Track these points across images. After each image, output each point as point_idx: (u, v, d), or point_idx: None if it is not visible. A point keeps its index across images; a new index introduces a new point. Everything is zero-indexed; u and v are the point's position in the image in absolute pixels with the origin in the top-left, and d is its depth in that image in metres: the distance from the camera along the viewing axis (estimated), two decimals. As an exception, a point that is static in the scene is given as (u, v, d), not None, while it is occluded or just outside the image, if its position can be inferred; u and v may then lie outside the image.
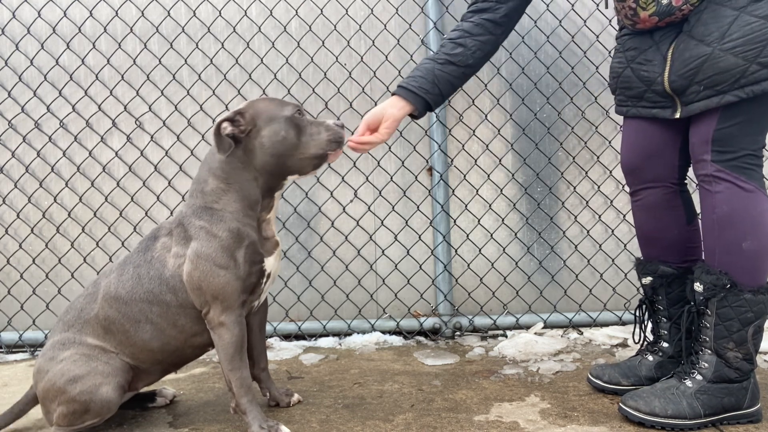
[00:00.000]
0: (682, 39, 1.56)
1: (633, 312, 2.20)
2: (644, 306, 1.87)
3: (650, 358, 1.84)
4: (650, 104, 1.67)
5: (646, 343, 1.90)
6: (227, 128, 1.53)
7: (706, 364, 1.60)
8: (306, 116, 1.61)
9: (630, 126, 1.80)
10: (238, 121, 1.55)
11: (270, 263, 1.64)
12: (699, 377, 1.60)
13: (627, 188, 2.65)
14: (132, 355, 1.62)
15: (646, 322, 1.88)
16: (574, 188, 2.64)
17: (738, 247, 1.55)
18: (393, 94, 1.72)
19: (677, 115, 1.61)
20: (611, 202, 2.64)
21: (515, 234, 2.66)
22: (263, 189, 1.60)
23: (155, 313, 1.59)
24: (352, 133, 1.64)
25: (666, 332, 1.81)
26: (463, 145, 2.65)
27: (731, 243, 1.55)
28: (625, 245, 2.64)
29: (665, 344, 1.82)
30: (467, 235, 2.67)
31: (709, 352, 1.60)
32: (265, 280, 1.65)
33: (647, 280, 1.81)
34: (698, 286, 1.61)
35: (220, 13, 2.57)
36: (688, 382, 1.60)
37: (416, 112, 1.71)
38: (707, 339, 1.59)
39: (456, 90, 1.76)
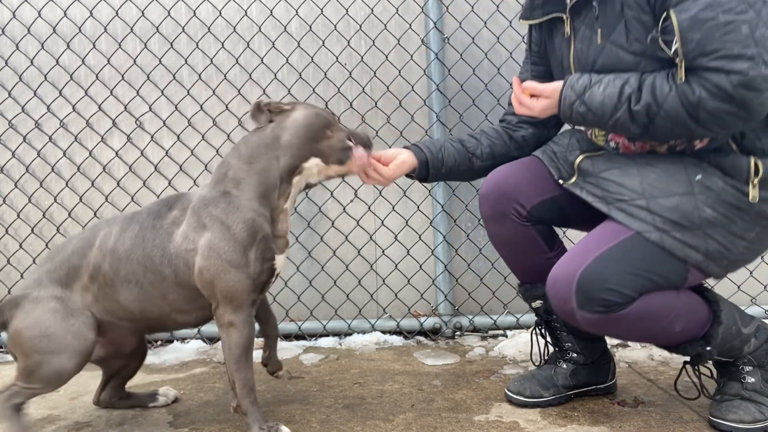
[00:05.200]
0: None
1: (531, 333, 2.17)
2: (541, 327, 1.92)
3: (564, 366, 1.84)
4: None
5: (548, 355, 1.93)
6: (265, 100, 1.62)
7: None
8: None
9: None
10: (279, 103, 1.63)
11: (279, 262, 1.64)
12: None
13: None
14: (108, 310, 1.61)
15: (546, 341, 1.92)
16: (574, 188, 2.64)
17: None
18: (405, 147, 1.85)
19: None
20: (611, 202, 2.64)
21: (515, 234, 2.66)
22: (283, 170, 1.61)
23: (148, 280, 1.58)
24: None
25: (571, 344, 1.85)
26: (463, 145, 2.64)
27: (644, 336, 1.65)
28: (625, 245, 2.64)
29: (575, 354, 1.85)
30: (467, 235, 2.67)
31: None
32: (273, 279, 1.65)
33: (538, 303, 1.84)
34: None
35: (220, 13, 2.57)
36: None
37: (415, 170, 1.82)
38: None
39: (457, 170, 1.84)
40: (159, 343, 2.55)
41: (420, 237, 2.65)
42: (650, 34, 1.45)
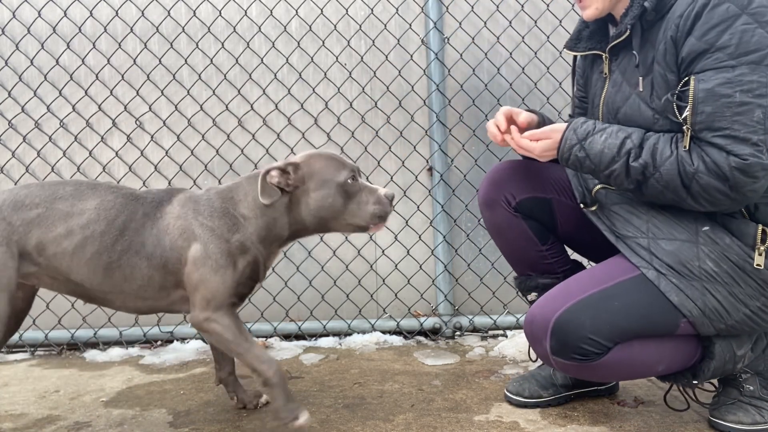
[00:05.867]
0: None
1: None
2: None
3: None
4: None
5: None
6: (275, 177, 1.54)
7: None
8: (360, 180, 1.60)
9: None
10: (288, 174, 1.55)
11: (257, 285, 1.65)
12: None
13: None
14: (54, 268, 1.55)
15: None
16: (574, 188, 2.64)
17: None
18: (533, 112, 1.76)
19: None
20: (611, 202, 2.64)
21: (515, 234, 2.66)
22: (291, 233, 1.62)
23: (130, 262, 1.54)
24: (392, 204, 1.61)
25: None
26: (463, 145, 2.65)
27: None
28: (625, 245, 2.64)
29: None
30: (467, 235, 2.67)
31: None
32: (250, 295, 1.65)
33: (533, 296, 1.83)
34: None
35: (220, 13, 2.57)
36: None
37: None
38: None
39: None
40: (159, 343, 2.55)
41: (420, 237, 2.65)
42: (670, 92, 1.43)
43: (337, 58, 2.62)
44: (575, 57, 1.76)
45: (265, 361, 1.55)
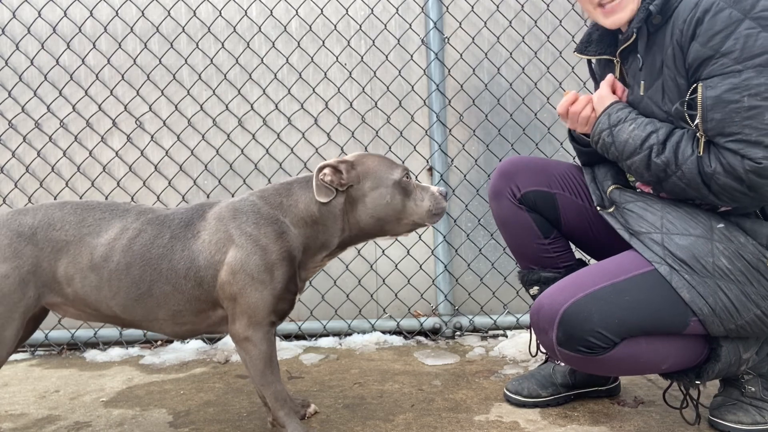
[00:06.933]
0: None
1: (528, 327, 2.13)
2: None
3: (562, 363, 1.81)
4: None
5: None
6: (327, 176, 1.50)
7: None
8: (412, 179, 1.59)
9: None
10: (341, 173, 1.51)
11: (295, 298, 1.61)
12: None
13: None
14: (82, 299, 1.53)
15: None
16: (575, 188, 2.64)
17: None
18: None
19: None
20: (611, 202, 2.64)
21: (515, 234, 2.66)
22: (342, 241, 1.57)
23: (161, 290, 1.50)
24: (446, 198, 1.61)
25: None
26: (463, 145, 2.65)
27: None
28: (625, 245, 2.64)
29: None
30: (467, 235, 2.67)
31: None
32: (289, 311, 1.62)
33: (535, 290, 1.83)
34: None
35: (220, 13, 2.57)
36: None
37: None
38: None
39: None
40: (159, 343, 2.55)
41: (420, 237, 2.65)
42: (680, 100, 1.44)
43: (337, 58, 2.62)
44: (590, 60, 1.77)
45: (280, 400, 1.54)
